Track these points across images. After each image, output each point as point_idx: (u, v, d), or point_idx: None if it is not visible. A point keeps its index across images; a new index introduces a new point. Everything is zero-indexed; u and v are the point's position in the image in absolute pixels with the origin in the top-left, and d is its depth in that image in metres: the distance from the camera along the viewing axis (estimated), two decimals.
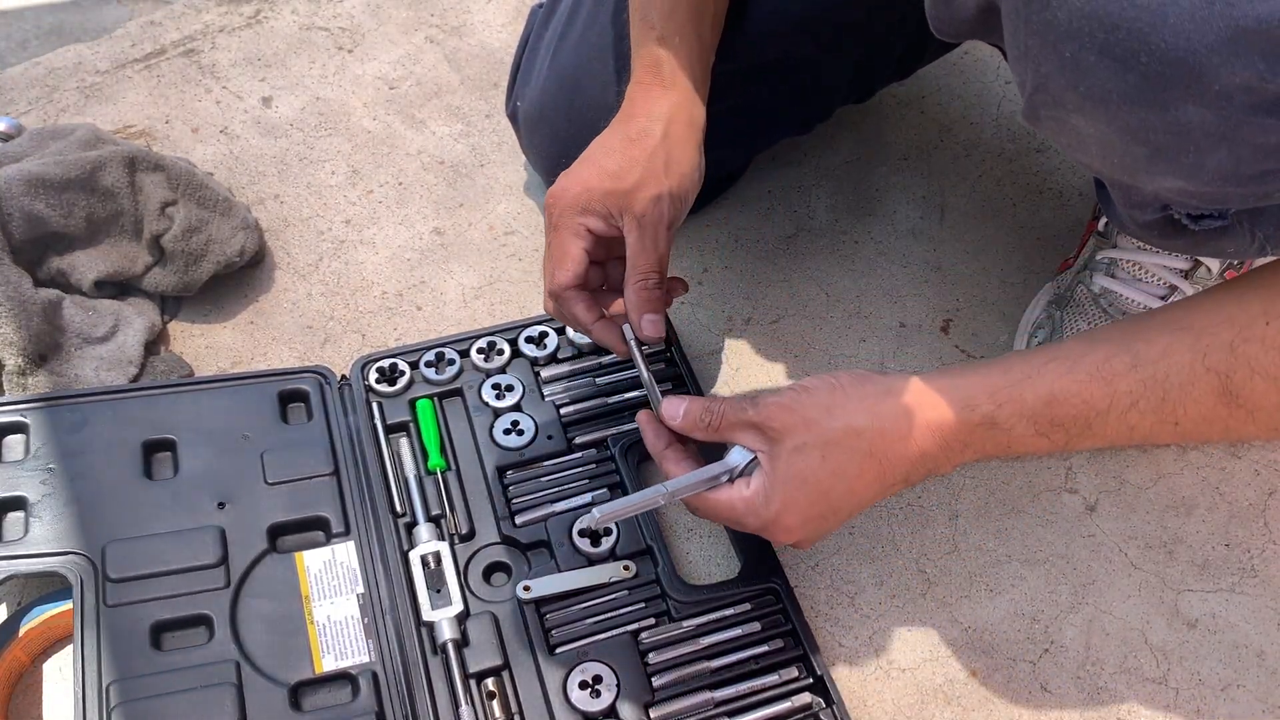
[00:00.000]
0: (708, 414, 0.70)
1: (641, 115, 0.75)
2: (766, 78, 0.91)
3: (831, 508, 0.66)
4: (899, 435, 0.64)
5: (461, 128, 1.14)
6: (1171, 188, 0.55)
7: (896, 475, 0.65)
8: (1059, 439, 0.62)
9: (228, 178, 1.07)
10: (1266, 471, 0.89)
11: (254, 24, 1.24)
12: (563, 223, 0.73)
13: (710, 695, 0.72)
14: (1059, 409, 0.61)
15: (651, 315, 0.74)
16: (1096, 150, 0.55)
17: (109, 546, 0.74)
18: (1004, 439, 0.63)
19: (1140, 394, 0.60)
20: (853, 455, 0.65)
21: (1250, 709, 0.76)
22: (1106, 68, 0.48)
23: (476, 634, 0.74)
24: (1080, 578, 0.83)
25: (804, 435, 0.65)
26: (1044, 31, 0.50)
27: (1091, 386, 0.61)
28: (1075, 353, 0.62)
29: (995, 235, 1.05)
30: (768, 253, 1.03)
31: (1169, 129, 0.49)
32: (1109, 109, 0.50)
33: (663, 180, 0.73)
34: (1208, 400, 0.59)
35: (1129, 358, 0.60)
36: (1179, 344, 0.59)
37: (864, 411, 0.65)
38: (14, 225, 0.88)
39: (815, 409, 0.65)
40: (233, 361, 0.94)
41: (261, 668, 0.71)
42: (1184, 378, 0.59)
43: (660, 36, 0.77)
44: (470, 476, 0.82)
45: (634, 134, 0.74)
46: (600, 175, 0.73)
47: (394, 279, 1.00)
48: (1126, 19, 0.47)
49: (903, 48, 0.97)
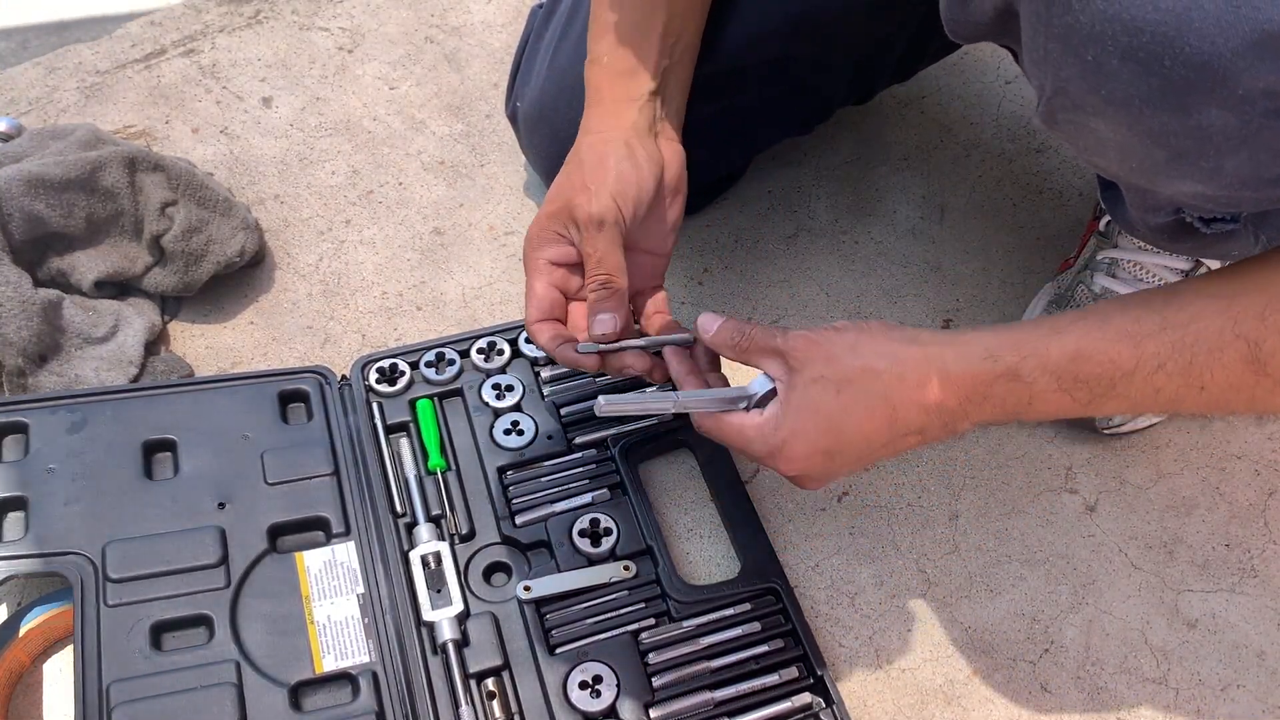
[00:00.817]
0: (738, 333, 0.71)
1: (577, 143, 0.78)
2: (765, 77, 0.91)
3: (839, 444, 0.66)
4: (916, 381, 0.64)
5: (461, 128, 1.14)
6: (1188, 191, 0.55)
7: (910, 423, 0.65)
8: (1081, 396, 0.61)
9: (228, 178, 1.07)
10: (1266, 471, 0.89)
11: (254, 24, 1.24)
12: (527, 265, 0.76)
13: (710, 695, 0.72)
14: (1084, 366, 0.61)
15: (602, 314, 0.74)
16: (1115, 154, 0.55)
17: (109, 546, 0.74)
18: (1025, 393, 0.62)
19: (1168, 356, 0.59)
20: (867, 395, 0.64)
21: (1250, 709, 0.76)
22: (1129, 71, 0.48)
23: (476, 634, 0.74)
24: (1080, 578, 0.83)
25: (823, 368, 0.66)
26: (1065, 35, 0.50)
27: (1119, 345, 0.60)
28: (1104, 313, 0.62)
29: (995, 235, 1.05)
30: (768, 253, 1.03)
31: (1190, 133, 0.49)
32: (1130, 113, 0.50)
33: (587, 186, 0.74)
34: (1236, 367, 0.58)
35: (1158, 319, 0.59)
36: (1210, 309, 0.59)
37: (885, 355, 0.65)
38: (14, 225, 0.88)
39: (839, 345, 0.66)
40: (233, 361, 0.94)
41: (261, 668, 0.71)
42: (1213, 342, 0.58)
43: (592, 58, 0.80)
44: (470, 476, 0.82)
45: (568, 161, 0.77)
46: (545, 205, 0.76)
47: (394, 279, 1.00)
48: (1150, 23, 0.47)
49: (903, 49, 0.96)
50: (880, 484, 0.88)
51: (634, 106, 0.78)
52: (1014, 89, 1.19)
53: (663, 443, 0.86)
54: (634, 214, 0.74)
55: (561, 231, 0.74)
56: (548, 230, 0.75)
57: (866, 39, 0.93)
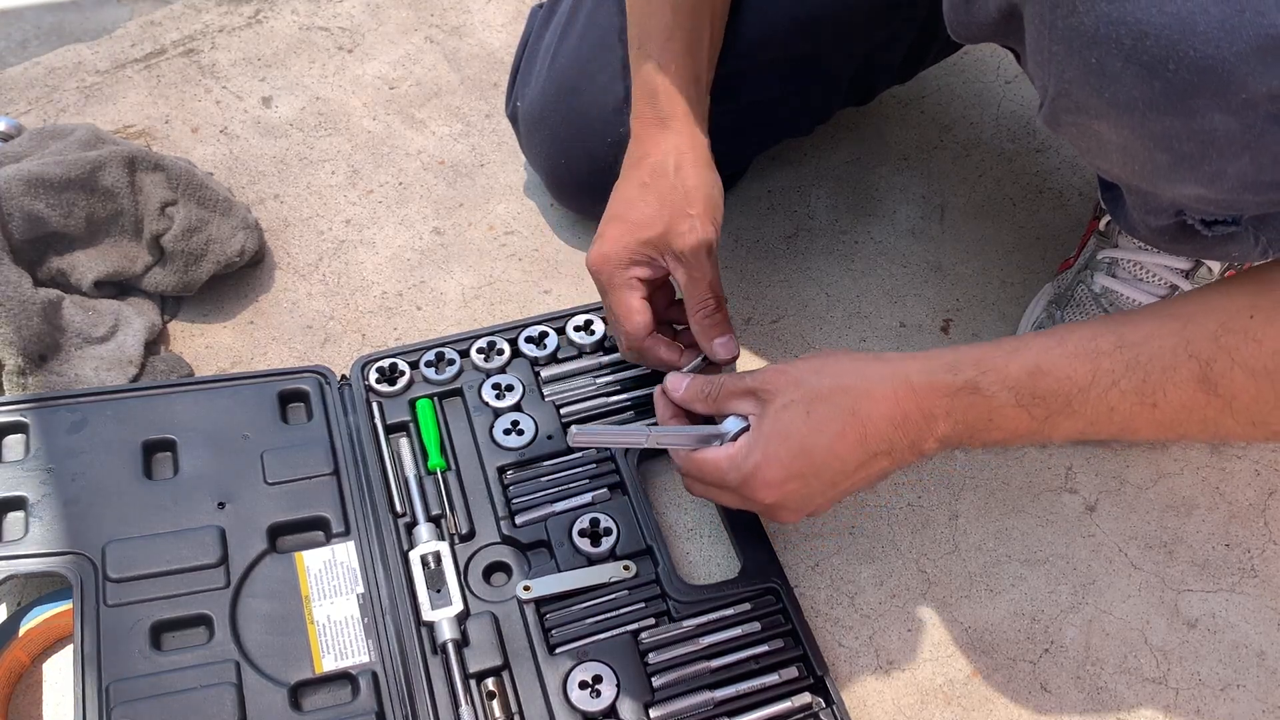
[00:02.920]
0: (708, 385, 0.72)
1: (650, 155, 0.78)
2: (767, 79, 0.91)
3: (811, 466, 0.66)
4: (882, 395, 0.65)
5: (461, 128, 1.14)
6: (1190, 194, 0.56)
7: (879, 440, 0.65)
8: (1039, 413, 0.62)
9: (228, 178, 1.07)
10: (1266, 471, 0.89)
11: (254, 24, 1.24)
12: (614, 282, 0.77)
13: (710, 695, 0.72)
14: (1041, 381, 0.62)
15: (720, 338, 0.77)
16: (1117, 156, 0.55)
17: (109, 546, 0.74)
18: (985, 407, 0.63)
19: (1122, 374, 0.60)
20: (836, 411, 0.65)
21: (1250, 709, 0.76)
22: (1133, 74, 0.48)
23: (476, 634, 0.74)
24: (1080, 578, 0.83)
25: (792, 393, 0.67)
26: (1069, 37, 0.50)
27: (1075, 362, 0.61)
28: (1063, 332, 0.63)
29: (995, 235, 1.05)
30: (768, 253, 1.03)
31: (1193, 136, 0.50)
32: (1134, 116, 0.50)
33: (688, 212, 0.76)
34: (1188, 386, 0.59)
35: (1114, 338, 0.61)
36: (1164, 329, 0.60)
37: (851, 372, 0.66)
38: (14, 225, 0.88)
39: (805, 370, 0.68)
40: (233, 361, 0.94)
41: (261, 668, 0.71)
42: (1166, 361, 0.59)
43: (657, 64, 0.79)
44: (470, 476, 0.82)
45: (647, 178, 0.77)
46: (632, 229, 0.76)
47: (394, 279, 1.00)
48: (1155, 26, 0.47)
49: (905, 51, 0.96)
50: (880, 484, 0.87)
51: (704, 123, 0.80)
52: (1014, 89, 1.19)
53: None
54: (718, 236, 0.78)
55: (655, 256, 0.76)
56: (640, 254, 0.76)
57: (869, 41, 0.93)
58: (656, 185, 0.77)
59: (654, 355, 0.79)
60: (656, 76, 0.79)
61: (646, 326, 0.78)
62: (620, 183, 0.79)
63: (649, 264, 0.77)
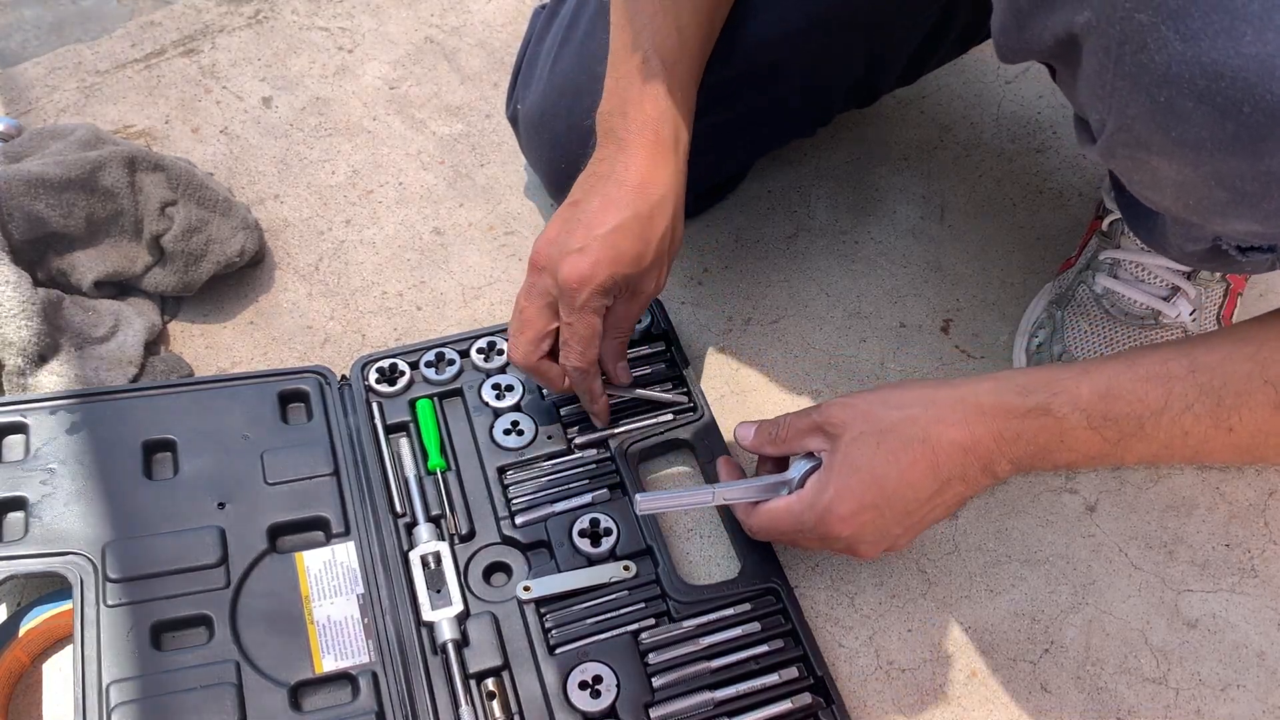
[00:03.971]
0: (775, 426, 0.73)
1: (651, 187, 0.75)
2: (769, 83, 0.91)
3: (884, 496, 0.66)
4: (952, 420, 0.65)
5: (461, 128, 1.14)
6: (1242, 230, 0.56)
7: (951, 467, 0.65)
8: (1111, 435, 0.62)
9: (228, 178, 1.07)
10: (1267, 471, 0.89)
11: (254, 24, 1.24)
12: (589, 305, 0.75)
13: (710, 695, 0.72)
14: (1114, 404, 0.61)
15: (623, 363, 0.82)
16: (1172, 191, 0.55)
17: (109, 546, 0.74)
18: (1056, 429, 0.63)
19: (1195, 398, 0.60)
20: (907, 441, 0.65)
21: (1250, 709, 0.76)
22: (1204, 115, 0.48)
23: (476, 634, 0.74)
24: (1080, 578, 0.83)
25: (862, 425, 0.67)
26: (1137, 74, 0.49)
27: (1148, 385, 0.61)
28: (1133, 354, 0.63)
29: (995, 235, 1.05)
30: (768, 253, 1.03)
31: (1259, 177, 0.49)
32: (1200, 155, 0.50)
33: (666, 256, 0.77)
34: (1264, 410, 0.59)
35: (1187, 362, 0.61)
36: (1239, 354, 0.60)
37: (919, 400, 0.66)
38: (14, 225, 0.88)
39: (873, 401, 0.68)
40: (233, 361, 0.94)
41: (261, 668, 0.71)
42: (1241, 386, 0.59)
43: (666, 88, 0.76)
44: (470, 476, 0.82)
45: (645, 212, 0.74)
46: (621, 261, 0.74)
47: (394, 279, 1.00)
48: (1232, 68, 0.46)
49: (910, 54, 0.96)
50: None
51: (680, 153, 0.77)
52: (1014, 89, 1.19)
53: (663, 443, 0.86)
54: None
55: (623, 289, 0.76)
56: (618, 285, 0.75)
57: (874, 45, 0.93)
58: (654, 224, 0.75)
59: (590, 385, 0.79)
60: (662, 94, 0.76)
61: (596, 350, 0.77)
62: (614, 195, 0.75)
63: (618, 295, 0.76)
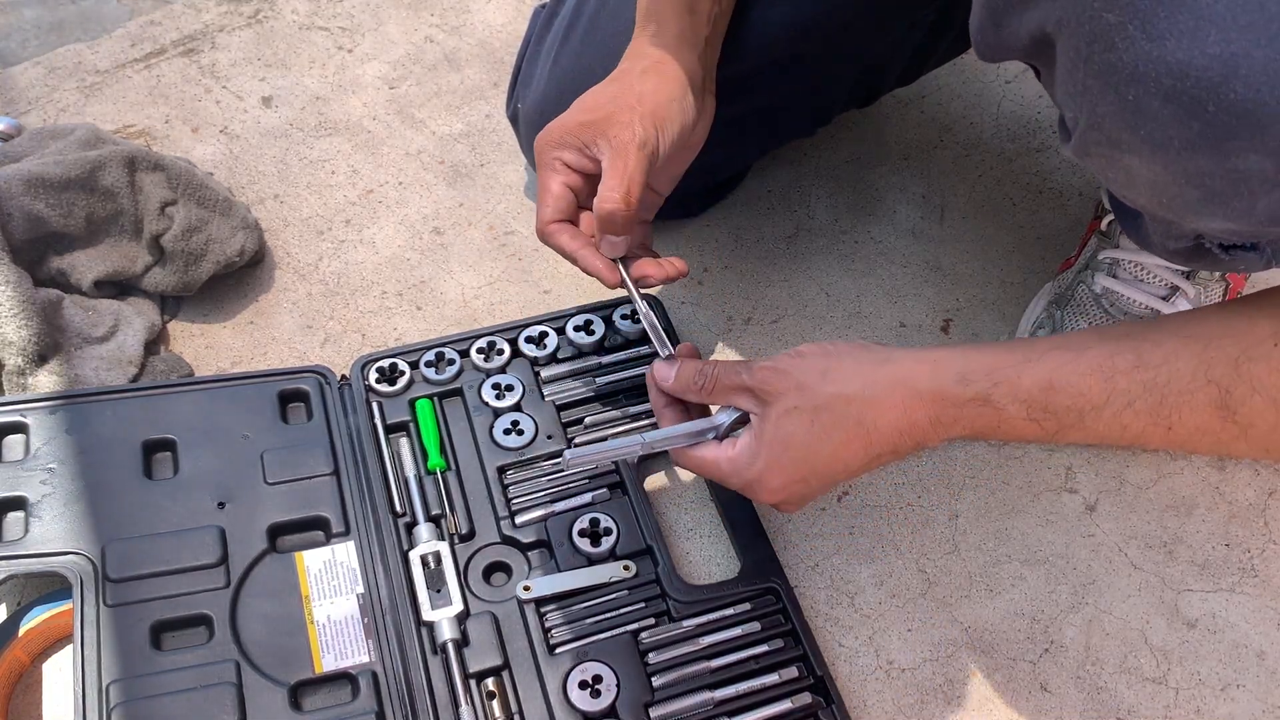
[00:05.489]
0: (700, 376, 0.71)
1: (626, 60, 0.78)
2: (770, 83, 0.91)
3: (815, 471, 0.66)
4: (890, 405, 0.64)
5: (461, 128, 1.14)
6: (1217, 227, 0.55)
7: (884, 445, 0.65)
8: (1049, 426, 0.62)
9: (228, 178, 1.07)
10: (1266, 471, 0.89)
11: (254, 24, 1.24)
12: (542, 160, 0.75)
13: (710, 695, 0.72)
14: (1055, 397, 0.61)
15: (612, 237, 0.74)
16: (1146, 189, 0.55)
17: (109, 546, 0.74)
18: (994, 418, 0.63)
19: (1138, 394, 0.59)
20: (841, 422, 0.64)
21: (1250, 709, 0.76)
22: (1170, 113, 0.48)
23: (476, 634, 0.74)
24: (1080, 578, 0.83)
25: (795, 399, 0.65)
26: (1106, 73, 0.50)
27: (1091, 380, 0.60)
28: (1080, 344, 0.62)
29: (995, 235, 1.05)
30: (768, 253, 1.03)
31: (1226, 175, 0.49)
32: (1168, 154, 0.50)
33: (635, 107, 0.74)
34: (1204, 411, 0.58)
35: (1133, 357, 0.60)
36: (1185, 351, 0.59)
37: (857, 378, 0.65)
38: (14, 225, 0.88)
39: (809, 373, 0.66)
40: (233, 361, 0.94)
41: (261, 668, 0.71)
42: (1184, 385, 0.58)
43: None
44: (470, 476, 0.82)
45: (615, 75, 0.77)
46: (576, 112, 0.75)
47: (394, 279, 1.00)
48: (1197, 67, 0.46)
49: (910, 54, 0.96)
50: (880, 484, 0.88)
51: (694, 54, 0.79)
52: (1014, 89, 1.19)
53: None
54: (665, 153, 0.75)
55: (588, 142, 0.73)
56: (574, 135, 0.74)
57: (875, 44, 0.93)
58: (619, 80, 0.77)
59: (554, 241, 0.75)
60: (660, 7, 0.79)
61: (557, 212, 0.74)
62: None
63: (579, 150, 0.74)
